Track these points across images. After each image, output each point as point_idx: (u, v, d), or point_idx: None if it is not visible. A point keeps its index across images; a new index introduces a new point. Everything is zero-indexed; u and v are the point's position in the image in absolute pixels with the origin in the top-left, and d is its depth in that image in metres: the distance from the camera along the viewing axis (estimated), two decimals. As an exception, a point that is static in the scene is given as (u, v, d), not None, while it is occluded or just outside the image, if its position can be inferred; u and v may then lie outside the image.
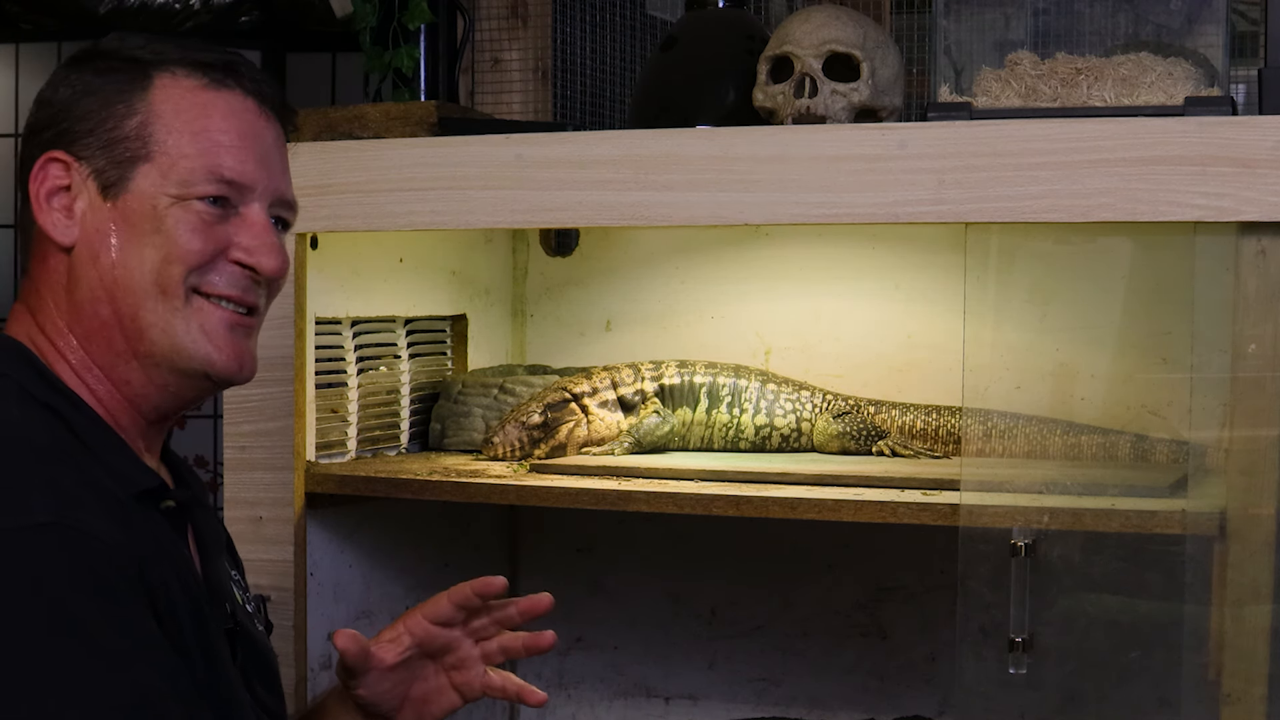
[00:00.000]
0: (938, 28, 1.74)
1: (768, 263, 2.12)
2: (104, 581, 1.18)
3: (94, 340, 1.33)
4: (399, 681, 1.50)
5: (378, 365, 2.03)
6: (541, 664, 2.30)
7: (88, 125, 1.33)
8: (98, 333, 1.33)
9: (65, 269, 1.33)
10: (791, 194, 1.62)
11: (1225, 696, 1.51)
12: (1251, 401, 1.51)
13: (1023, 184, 1.54)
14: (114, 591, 1.19)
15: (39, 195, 1.33)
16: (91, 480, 1.24)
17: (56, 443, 1.26)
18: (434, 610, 1.50)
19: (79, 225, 1.33)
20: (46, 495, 1.20)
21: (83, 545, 1.18)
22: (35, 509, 1.19)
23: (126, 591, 1.20)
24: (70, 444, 1.27)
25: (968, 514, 1.61)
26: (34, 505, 1.19)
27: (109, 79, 1.35)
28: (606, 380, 1.93)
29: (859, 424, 1.91)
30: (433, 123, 1.92)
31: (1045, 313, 1.78)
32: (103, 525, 1.20)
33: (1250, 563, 1.50)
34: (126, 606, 1.20)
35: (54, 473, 1.22)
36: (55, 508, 1.19)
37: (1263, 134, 1.48)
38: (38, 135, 1.35)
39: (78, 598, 1.17)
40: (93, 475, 1.25)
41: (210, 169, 1.34)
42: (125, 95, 1.35)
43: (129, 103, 1.34)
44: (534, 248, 2.25)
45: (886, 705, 2.14)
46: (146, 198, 1.33)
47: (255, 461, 1.82)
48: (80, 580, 1.17)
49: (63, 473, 1.23)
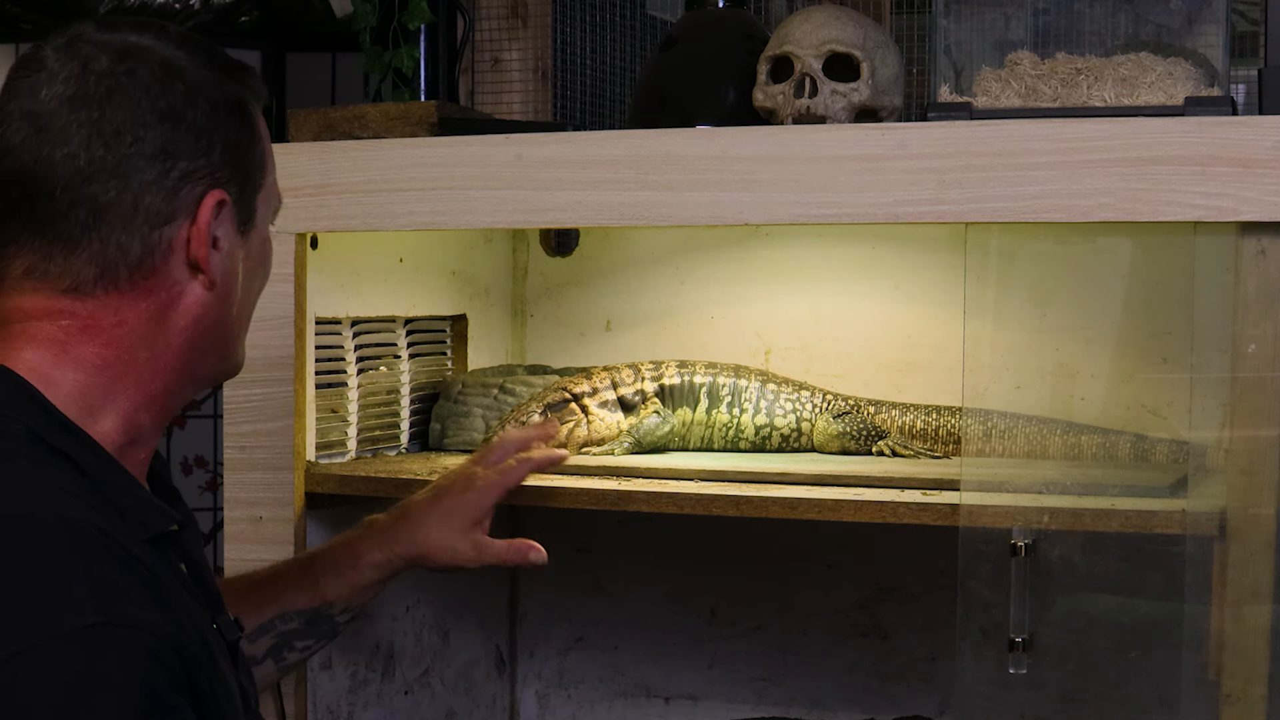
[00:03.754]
0: (938, 28, 1.74)
1: (768, 263, 2.12)
2: (154, 686, 1.13)
3: (168, 376, 1.29)
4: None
5: (378, 365, 2.03)
6: (542, 664, 2.30)
7: (232, 158, 1.29)
8: (184, 370, 1.30)
9: (199, 307, 1.29)
10: (791, 194, 1.62)
11: (1225, 696, 1.51)
12: (1251, 401, 1.51)
13: (1023, 184, 1.54)
14: (161, 696, 1.13)
15: (203, 231, 1.27)
16: (123, 552, 1.18)
17: (84, 510, 1.18)
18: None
19: (225, 262, 1.30)
20: (87, 588, 1.13)
21: (130, 642, 1.13)
22: (82, 607, 1.12)
23: (171, 692, 1.15)
24: (91, 500, 1.20)
25: (968, 514, 1.61)
26: (77, 602, 1.12)
27: (230, 109, 1.30)
28: (606, 380, 1.93)
29: (859, 424, 1.91)
30: (433, 123, 1.92)
31: (1045, 313, 1.78)
32: (144, 611, 1.15)
33: (1250, 563, 1.50)
34: (173, 714, 1.14)
35: (89, 555, 1.15)
36: (100, 603, 1.13)
37: (1263, 134, 1.48)
38: (171, 159, 1.25)
39: (129, 708, 1.11)
40: (121, 543, 1.18)
41: (280, 195, 1.35)
42: (250, 123, 1.32)
43: (254, 133, 1.32)
44: (534, 248, 2.25)
45: (886, 705, 2.14)
46: (262, 229, 1.34)
47: (255, 461, 1.82)
48: (129, 689, 1.11)
49: (97, 554, 1.16)
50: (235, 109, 1.30)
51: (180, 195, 1.26)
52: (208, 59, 1.30)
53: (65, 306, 1.26)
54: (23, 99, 1.25)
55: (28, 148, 1.24)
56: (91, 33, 1.27)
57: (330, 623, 1.66)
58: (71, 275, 1.25)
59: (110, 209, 1.24)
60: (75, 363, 1.26)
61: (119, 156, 1.24)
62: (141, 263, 1.26)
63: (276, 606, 1.64)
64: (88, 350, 1.26)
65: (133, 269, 1.26)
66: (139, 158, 1.24)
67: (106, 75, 1.24)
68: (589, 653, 2.28)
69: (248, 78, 1.33)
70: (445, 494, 1.69)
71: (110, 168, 1.23)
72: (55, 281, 1.25)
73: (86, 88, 1.24)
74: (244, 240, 1.31)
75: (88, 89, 1.24)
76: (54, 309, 1.26)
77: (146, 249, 1.25)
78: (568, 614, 2.29)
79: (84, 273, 1.25)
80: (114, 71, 1.25)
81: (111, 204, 1.24)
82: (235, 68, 1.33)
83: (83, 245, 1.25)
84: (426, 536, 1.66)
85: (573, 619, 2.28)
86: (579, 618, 2.28)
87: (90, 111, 1.23)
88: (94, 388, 1.26)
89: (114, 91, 1.24)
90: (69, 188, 1.23)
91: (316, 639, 1.66)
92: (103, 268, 1.25)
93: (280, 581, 1.66)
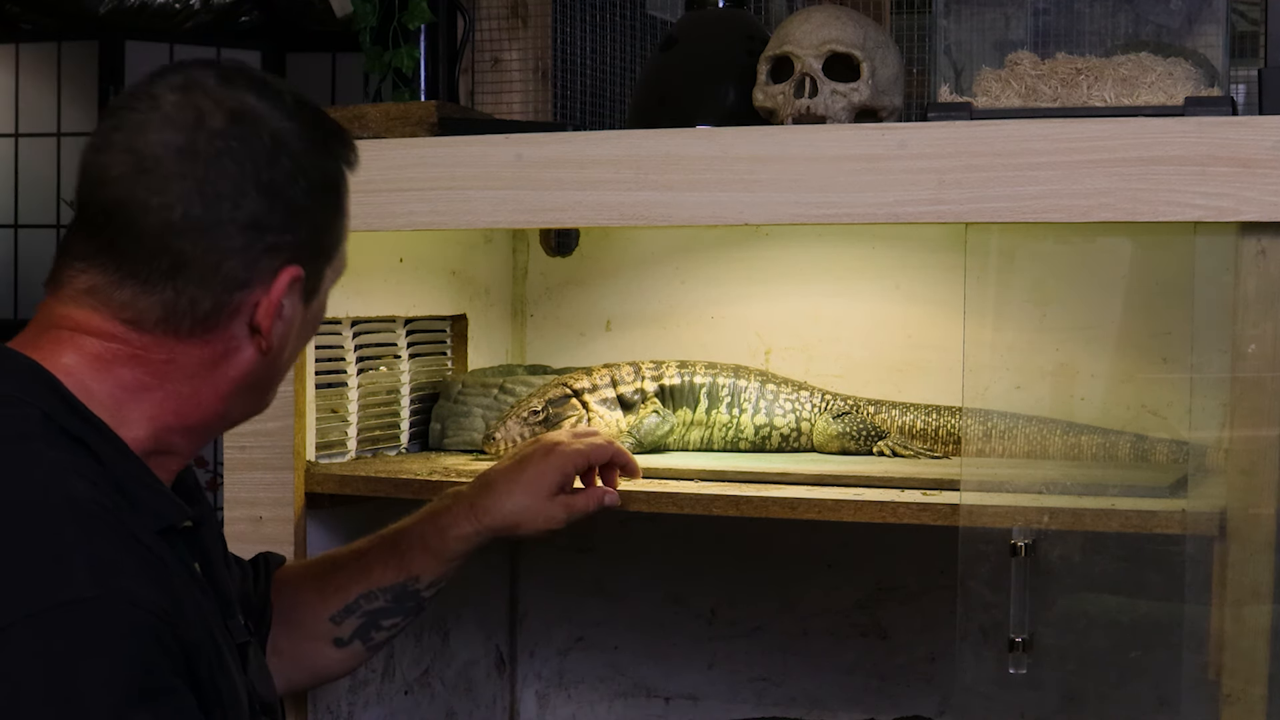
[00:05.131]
0: (938, 28, 1.74)
1: (768, 263, 2.12)
2: (150, 664, 1.15)
3: (205, 413, 1.32)
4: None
5: (378, 365, 2.03)
6: (542, 664, 2.30)
7: (315, 236, 1.32)
8: (222, 413, 1.33)
9: (250, 364, 1.31)
10: (791, 194, 1.62)
11: (1225, 696, 1.51)
12: (1251, 401, 1.51)
13: (1023, 184, 1.54)
14: (157, 674, 1.16)
15: (274, 303, 1.29)
16: (127, 533, 1.21)
17: (91, 490, 1.21)
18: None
19: (285, 329, 1.32)
20: (88, 562, 1.16)
21: (128, 617, 1.15)
22: (81, 580, 1.15)
23: (170, 673, 1.17)
24: (101, 484, 1.22)
25: (968, 514, 1.61)
26: (77, 574, 1.15)
27: (327, 188, 1.33)
28: (606, 378, 1.93)
29: (859, 424, 1.91)
30: (433, 123, 1.92)
31: (1045, 313, 1.78)
32: (143, 589, 1.17)
33: (1250, 563, 1.50)
34: (170, 695, 1.16)
35: (93, 531, 1.18)
36: (99, 577, 1.15)
37: (1263, 134, 1.48)
38: (261, 231, 1.27)
39: (121, 681, 1.13)
40: (127, 525, 1.21)
41: (346, 262, 1.39)
42: (340, 201, 1.35)
43: (340, 210, 1.35)
44: (534, 248, 2.25)
45: (886, 705, 2.14)
46: (324, 297, 1.36)
47: (255, 461, 1.82)
48: (124, 662, 1.14)
49: (101, 531, 1.18)
50: (332, 188, 1.34)
51: (260, 265, 1.28)
52: (314, 130, 1.32)
53: (120, 333, 1.28)
54: (130, 133, 1.27)
55: (125, 184, 1.26)
56: (212, 84, 1.28)
57: (416, 598, 1.66)
58: (135, 310, 1.27)
59: (192, 265, 1.26)
60: (114, 379, 1.28)
61: (213, 219, 1.26)
62: (207, 318, 1.28)
63: (362, 585, 1.64)
64: (128, 373, 1.28)
65: (196, 322, 1.28)
66: (231, 224, 1.26)
67: (218, 136, 1.26)
68: (589, 653, 2.28)
69: (348, 151, 1.36)
70: (528, 461, 1.68)
71: (202, 228, 1.25)
72: (117, 310, 1.27)
73: (197, 144, 1.26)
74: (305, 308, 1.34)
75: (197, 145, 1.25)
76: (108, 331, 1.28)
77: (216, 308, 1.28)
78: (568, 614, 2.29)
79: (149, 313, 1.27)
80: (226, 134, 1.26)
81: (194, 261, 1.26)
82: (338, 138, 1.35)
83: (157, 290, 1.26)
84: (515, 506, 1.66)
85: (573, 619, 2.28)
86: (579, 618, 2.28)
87: (196, 168, 1.25)
88: (128, 401, 1.28)
89: (223, 155, 1.26)
90: (158, 236, 1.25)
91: (403, 615, 1.66)
92: (168, 314, 1.27)
93: (365, 560, 1.66)
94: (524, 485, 1.66)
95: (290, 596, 1.62)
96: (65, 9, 4.69)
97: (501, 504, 1.66)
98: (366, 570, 1.64)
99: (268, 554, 1.64)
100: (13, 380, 1.25)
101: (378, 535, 1.69)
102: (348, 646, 1.64)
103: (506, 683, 2.29)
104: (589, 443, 1.70)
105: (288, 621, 1.61)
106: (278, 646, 1.59)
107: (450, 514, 1.66)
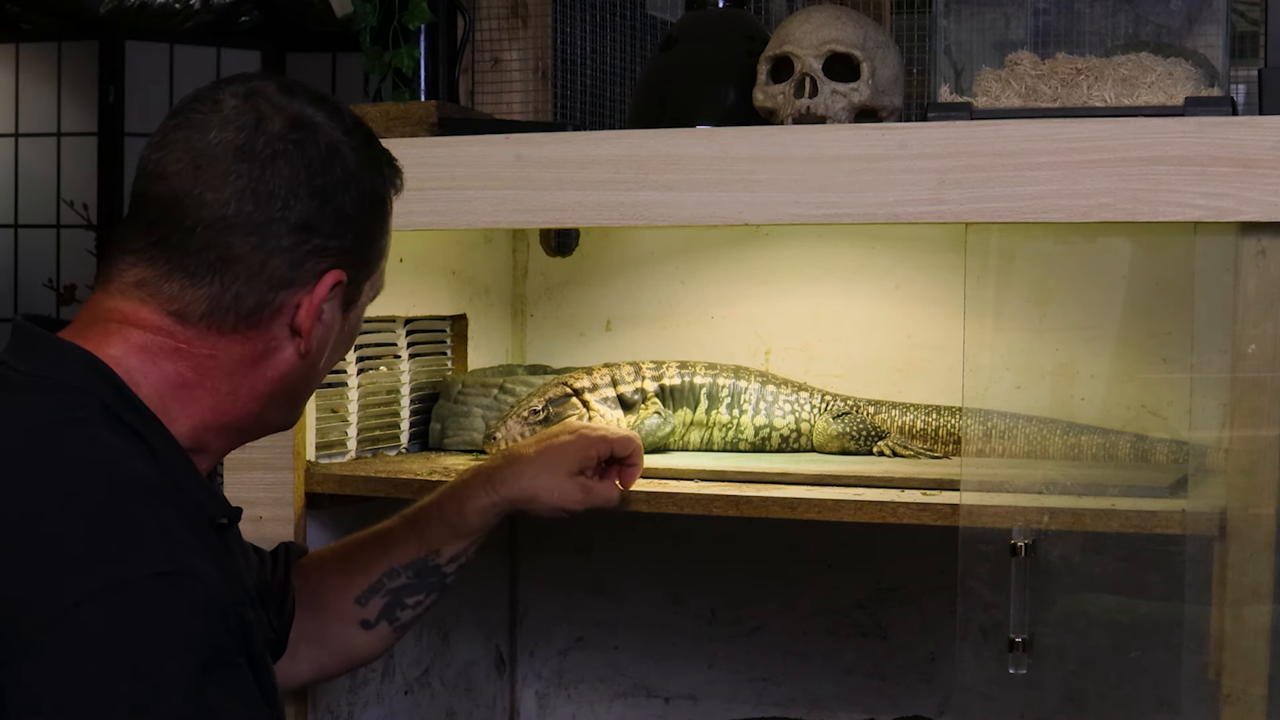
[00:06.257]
0: (938, 28, 1.74)
1: (768, 263, 2.12)
2: (217, 640, 1.18)
3: (241, 413, 1.35)
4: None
5: (378, 365, 2.03)
6: (542, 664, 2.30)
7: (360, 245, 1.36)
8: (258, 414, 1.36)
9: (288, 366, 1.34)
10: (791, 194, 1.62)
11: (1225, 696, 1.51)
12: (1251, 401, 1.51)
13: (1023, 184, 1.54)
14: (225, 651, 1.19)
15: (315, 305, 1.33)
16: (186, 515, 1.24)
17: (153, 470, 1.25)
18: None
19: (323, 333, 1.36)
20: (160, 538, 1.19)
21: (199, 593, 1.18)
22: (154, 554, 1.18)
23: (234, 651, 1.20)
24: (158, 470, 1.26)
25: (968, 514, 1.61)
26: (150, 548, 1.18)
27: (375, 201, 1.37)
28: (607, 377, 1.93)
29: (859, 424, 1.91)
30: (433, 123, 1.92)
31: (1045, 313, 1.78)
32: (209, 567, 1.21)
33: (1250, 563, 1.50)
34: (233, 671, 1.20)
35: (160, 509, 1.21)
36: (171, 552, 1.18)
37: (1263, 134, 1.48)
38: (309, 233, 1.32)
39: (194, 656, 1.16)
40: (184, 509, 1.25)
41: (384, 282, 1.43)
42: (385, 218, 1.39)
43: (384, 227, 1.40)
44: (534, 248, 2.25)
45: (886, 705, 2.14)
46: (361, 310, 1.40)
47: (255, 461, 1.82)
48: (195, 638, 1.16)
49: (168, 510, 1.22)
50: (380, 203, 1.39)
51: (305, 266, 1.32)
52: (367, 149, 1.37)
53: (166, 325, 1.31)
54: (190, 132, 1.31)
55: (183, 179, 1.30)
56: (273, 93, 1.33)
57: (438, 574, 1.67)
58: (182, 303, 1.31)
59: (240, 261, 1.30)
60: (159, 372, 1.31)
61: (264, 217, 1.30)
62: (250, 315, 1.32)
63: (385, 564, 1.66)
64: (172, 367, 1.31)
65: (240, 318, 1.32)
66: (282, 224, 1.30)
67: (276, 139, 1.30)
68: (589, 653, 2.28)
69: (395, 175, 1.42)
70: (550, 439, 1.71)
71: (253, 225, 1.30)
72: (165, 302, 1.31)
73: (255, 144, 1.30)
74: (343, 317, 1.38)
75: (255, 146, 1.30)
76: (154, 324, 1.31)
77: (260, 304, 1.32)
78: (568, 614, 2.29)
79: (195, 306, 1.31)
80: (284, 137, 1.31)
81: (242, 257, 1.30)
82: (388, 161, 1.41)
83: (204, 283, 1.31)
84: (534, 479, 1.67)
85: (573, 619, 2.28)
86: (579, 618, 2.28)
87: (252, 167, 1.30)
88: (171, 397, 1.32)
89: (278, 156, 1.30)
90: (209, 229, 1.30)
91: (426, 593, 1.67)
92: (213, 307, 1.31)
93: (387, 538, 1.68)
94: (544, 459, 1.68)
95: (316, 580, 1.65)
96: (65, 9, 4.69)
97: (520, 475, 1.67)
98: (388, 548, 1.66)
99: (289, 544, 1.67)
100: (71, 369, 1.29)
101: (399, 514, 1.71)
102: (374, 628, 1.66)
103: (506, 683, 2.29)
104: (616, 431, 1.72)
105: (314, 605, 1.63)
106: (306, 632, 1.62)
107: (469, 486, 1.68)
